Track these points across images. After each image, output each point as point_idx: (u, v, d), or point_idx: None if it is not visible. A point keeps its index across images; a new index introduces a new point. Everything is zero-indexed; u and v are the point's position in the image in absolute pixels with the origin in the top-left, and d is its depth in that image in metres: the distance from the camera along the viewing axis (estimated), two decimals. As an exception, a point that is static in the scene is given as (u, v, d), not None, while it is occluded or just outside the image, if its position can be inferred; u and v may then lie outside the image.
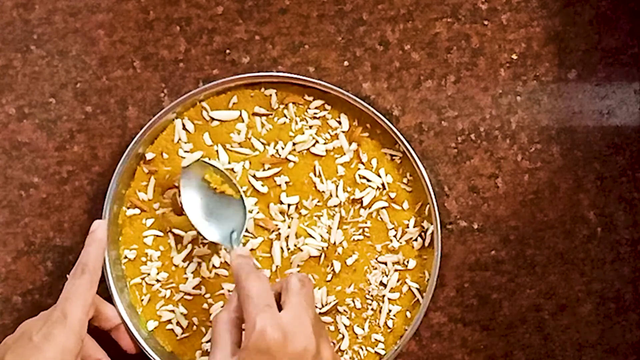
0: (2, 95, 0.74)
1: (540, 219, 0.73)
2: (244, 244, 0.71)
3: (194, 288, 0.72)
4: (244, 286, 0.60)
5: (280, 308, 0.60)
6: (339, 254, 0.72)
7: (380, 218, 0.72)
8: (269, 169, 0.72)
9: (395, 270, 0.72)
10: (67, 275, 0.73)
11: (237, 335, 0.61)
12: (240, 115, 0.72)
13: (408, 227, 0.71)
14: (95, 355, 0.67)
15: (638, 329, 0.73)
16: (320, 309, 0.72)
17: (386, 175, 0.71)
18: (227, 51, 0.74)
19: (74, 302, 0.64)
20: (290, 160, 0.72)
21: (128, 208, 0.73)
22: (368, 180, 0.72)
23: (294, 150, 0.72)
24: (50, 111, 0.74)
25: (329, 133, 0.72)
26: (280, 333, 0.57)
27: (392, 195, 0.71)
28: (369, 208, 0.71)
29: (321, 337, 0.59)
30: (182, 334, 0.73)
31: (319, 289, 0.72)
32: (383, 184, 0.72)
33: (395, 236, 0.72)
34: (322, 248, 0.71)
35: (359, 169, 0.72)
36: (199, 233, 0.71)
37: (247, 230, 0.72)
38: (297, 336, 0.57)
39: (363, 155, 0.72)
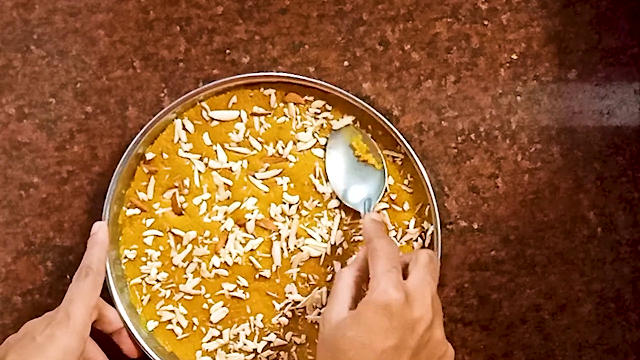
0: (2, 95, 0.74)
1: (540, 219, 0.73)
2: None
3: (193, 288, 0.72)
4: (375, 246, 0.61)
5: (405, 278, 0.60)
6: (339, 254, 0.72)
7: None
8: (268, 168, 0.72)
9: (396, 270, 0.72)
10: (68, 276, 0.74)
11: (358, 292, 0.62)
12: (239, 115, 0.72)
13: (408, 228, 0.71)
14: (97, 358, 0.68)
15: (638, 329, 0.73)
16: (320, 309, 0.72)
17: (388, 176, 0.71)
18: (227, 51, 0.74)
19: (78, 303, 0.64)
20: (290, 160, 0.72)
21: (128, 208, 0.73)
22: (369, 181, 0.72)
23: (295, 149, 0.72)
24: (50, 111, 0.74)
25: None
26: (402, 295, 0.57)
27: (393, 196, 0.71)
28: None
29: (437, 314, 0.59)
30: (182, 334, 0.73)
31: (319, 288, 0.72)
32: (387, 184, 0.72)
33: (395, 237, 0.72)
34: (325, 248, 0.71)
35: (360, 169, 0.72)
36: (334, 194, 0.71)
37: (247, 231, 0.72)
38: (417, 303, 0.58)
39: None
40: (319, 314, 0.72)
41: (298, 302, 0.72)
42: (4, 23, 0.74)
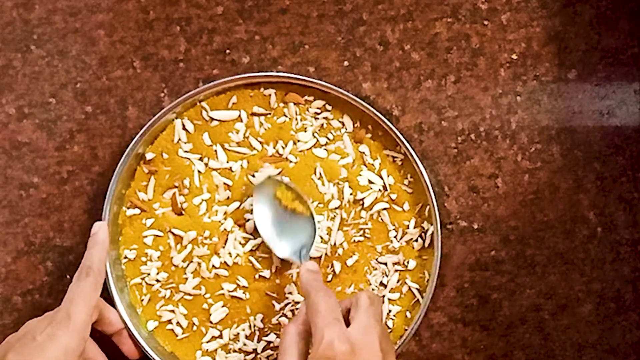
0: (2, 95, 0.74)
1: (540, 219, 0.73)
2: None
3: (193, 288, 0.72)
4: (314, 301, 0.61)
5: (347, 324, 0.60)
6: (339, 255, 0.72)
7: (381, 219, 0.72)
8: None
9: (396, 270, 0.72)
10: (68, 276, 0.74)
11: (304, 347, 0.62)
12: (239, 115, 0.72)
13: (408, 228, 0.71)
14: (97, 358, 0.68)
15: (638, 329, 0.73)
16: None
17: (388, 176, 0.71)
18: (227, 51, 0.74)
19: (79, 303, 0.65)
20: (290, 160, 0.72)
21: (128, 208, 0.73)
22: (370, 182, 0.72)
23: (295, 149, 0.72)
24: (50, 111, 0.74)
25: (331, 133, 0.72)
26: (348, 346, 0.57)
27: (393, 197, 0.71)
28: (370, 210, 0.71)
29: (388, 354, 0.60)
30: (182, 334, 0.73)
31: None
32: (385, 186, 0.72)
33: (395, 237, 0.72)
34: (325, 249, 0.71)
35: (361, 170, 0.72)
36: (268, 248, 0.71)
37: (246, 231, 0.72)
38: (364, 351, 0.58)
39: (367, 157, 0.72)
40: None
41: (298, 302, 0.72)
42: (4, 23, 0.74)
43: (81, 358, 0.64)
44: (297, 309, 0.72)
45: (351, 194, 0.71)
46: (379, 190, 0.72)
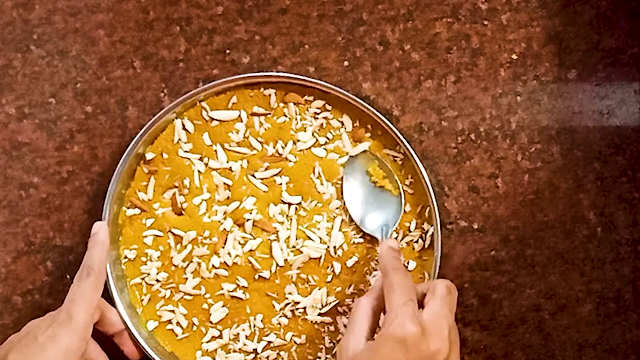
0: (2, 95, 0.74)
1: (540, 219, 0.73)
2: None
3: (193, 288, 0.72)
4: (391, 279, 0.62)
5: (421, 308, 0.61)
6: (338, 256, 0.72)
7: (381, 219, 0.72)
8: (268, 168, 0.72)
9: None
10: (68, 276, 0.74)
11: (374, 322, 0.62)
12: (239, 115, 0.72)
13: (409, 230, 0.71)
14: (98, 359, 0.68)
15: (638, 329, 0.73)
16: (320, 309, 0.72)
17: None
18: (227, 51, 0.74)
19: (80, 304, 0.65)
20: (290, 160, 0.72)
21: (128, 208, 0.73)
22: (370, 182, 0.72)
23: (295, 148, 0.72)
24: (50, 111, 0.74)
25: (331, 133, 0.72)
26: (418, 328, 0.58)
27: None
28: (372, 211, 0.72)
29: (454, 346, 0.60)
30: (182, 334, 0.73)
31: (319, 289, 0.72)
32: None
33: (396, 238, 0.72)
34: (325, 249, 0.71)
35: (361, 169, 0.72)
36: (352, 220, 0.71)
37: (246, 231, 0.72)
38: (433, 336, 0.58)
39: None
40: (319, 314, 0.72)
41: (298, 303, 0.72)
42: (4, 23, 0.74)
43: (82, 358, 0.64)
44: (297, 309, 0.72)
45: (351, 194, 0.72)
46: (379, 190, 0.72)
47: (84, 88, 0.74)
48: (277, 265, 0.71)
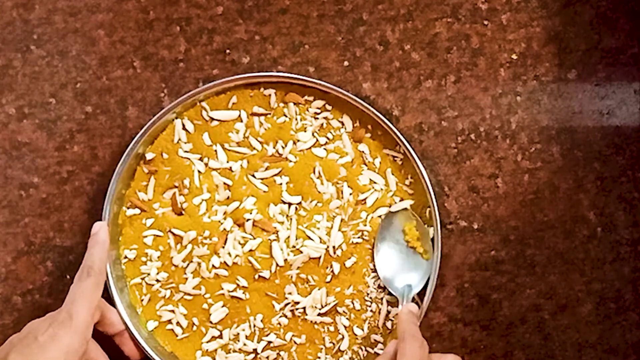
0: (2, 95, 0.74)
1: (540, 219, 0.73)
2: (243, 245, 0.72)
3: (193, 288, 0.72)
4: (406, 345, 0.62)
5: None
6: (337, 256, 0.72)
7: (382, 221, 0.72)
8: (268, 168, 0.72)
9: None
10: (68, 276, 0.74)
11: None
12: (239, 115, 0.72)
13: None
14: (98, 358, 0.68)
15: (638, 329, 0.73)
16: (320, 309, 0.72)
17: (392, 175, 0.72)
18: (227, 51, 0.74)
19: (80, 303, 0.65)
20: (290, 160, 0.72)
21: (128, 208, 0.73)
22: (372, 182, 0.72)
23: (295, 148, 0.72)
24: (50, 111, 0.74)
25: (331, 133, 0.72)
26: None
27: (397, 199, 0.71)
28: (373, 212, 0.71)
29: None
30: (182, 334, 0.73)
31: (319, 289, 0.72)
32: (387, 184, 0.72)
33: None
34: (324, 249, 0.71)
35: (361, 169, 0.72)
36: (376, 271, 0.71)
37: (246, 231, 0.72)
38: None
39: (367, 156, 0.72)
40: (319, 314, 0.72)
41: (298, 303, 0.72)
42: (4, 23, 0.74)
43: (83, 358, 0.64)
44: (297, 309, 0.72)
45: (351, 194, 0.71)
46: (381, 189, 0.72)
47: (84, 88, 0.74)
48: (277, 265, 0.71)
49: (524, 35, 0.73)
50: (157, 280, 0.72)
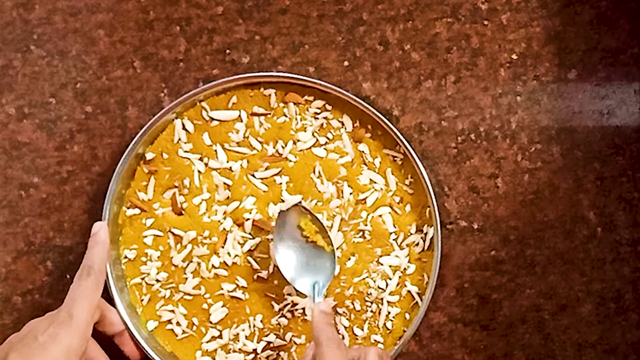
0: (2, 95, 0.74)
1: (540, 219, 0.73)
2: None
3: (193, 288, 0.72)
4: (324, 351, 0.61)
5: None
6: (337, 256, 0.71)
7: (382, 220, 0.72)
8: (268, 168, 0.72)
9: (395, 273, 0.72)
10: (68, 276, 0.74)
11: None
12: (239, 115, 0.72)
13: (410, 233, 0.71)
14: (98, 358, 0.68)
15: (638, 329, 0.73)
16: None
17: (392, 174, 0.72)
18: (227, 51, 0.74)
19: (80, 303, 0.65)
20: (290, 160, 0.72)
21: (128, 208, 0.73)
22: (372, 182, 0.72)
23: (295, 148, 0.72)
24: (50, 111, 0.74)
25: (331, 133, 0.72)
26: None
27: (397, 199, 0.71)
28: (373, 212, 0.71)
29: None
30: (182, 334, 0.73)
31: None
32: (387, 184, 0.72)
33: (395, 240, 0.72)
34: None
35: (361, 169, 0.72)
36: (283, 277, 0.70)
37: (245, 231, 0.72)
38: None
39: (367, 156, 0.72)
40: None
41: (297, 304, 0.72)
42: (4, 23, 0.74)
43: (83, 358, 0.64)
44: (296, 309, 0.72)
45: (351, 194, 0.71)
46: (381, 189, 0.72)
47: (84, 88, 0.74)
48: (275, 265, 0.71)
49: (524, 35, 0.73)
50: (157, 280, 0.72)
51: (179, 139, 0.72)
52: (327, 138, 0.72)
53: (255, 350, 0.72)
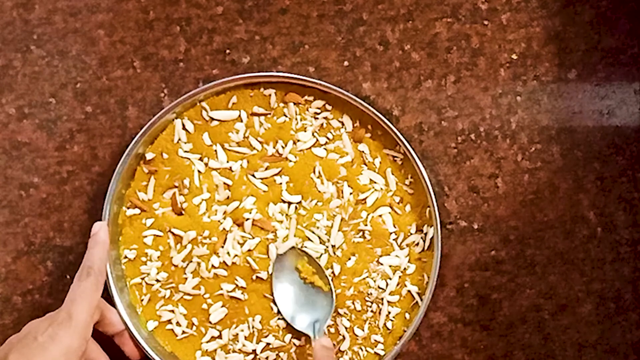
0: (2, 95, 0.74)
1: (540, 219, 0.73)
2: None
3: (193, 288, 0.72)
4: None
5: None
6: (338, 256, 0.72)
7: (382, 220, 0.72)
8: (268, 168, 0.72)
9: (395, 272, 0.72)
10: (68, 276, 0.74)
11: None
12: (239, 115, 0.72)
13: (410, 233, 0.71)
14: (99, 358, 0.68)
15: (638, 329, 0.73)
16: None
17: (392, 175, 0.72)
18: (227, 51, 0.74)
19: (80, 303, 0.65)
20: (290, 160, 0.72)
21: (128, 208, 0.73)
22: (372, 182, 0.72)
23: (295, 148, 0.72)
24: (50, 111, 0.74)
25: (331, 133, 0.72)
26: None
27: (397, 199, 0.71)
28: (373, 212, 0.71)
29: None
30: (182, 334, 0.73)
31: (318, 291, 0.72)
32: (387, 184, 0.72)
33: (395, 240, 0.72)
34: (324, 249, 0.71)
35: (361, 169, 0.72)
36: (283, 318, 0.71)
37: (245, 231, 0.72)
38: None
39: (367, 156, 0.72)
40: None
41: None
42: (4, 23, 0.74)
43: (83, 358, 0.64)
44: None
45: (351, 194, 0.71)
46: (381, 189, 0.72)
47: (84, 88, 0.74)
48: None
49: (524, 35, 0.73)
50: (157, 280, 0.72)
51: (179, 139, 0.72)
52: (327, 138, 0.72)
53: (254, 351, 0.72)
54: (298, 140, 0.72)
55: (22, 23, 0.74)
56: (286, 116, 0.72)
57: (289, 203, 0.72)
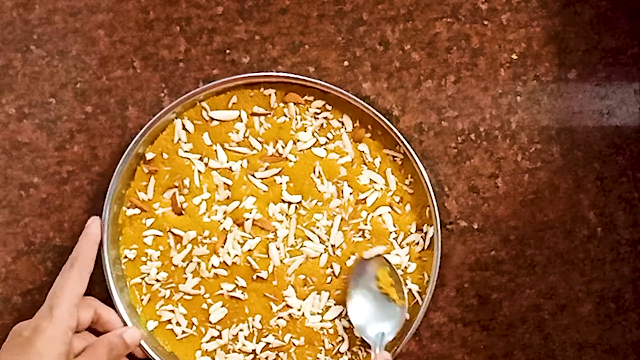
0: (2, 95, 0.74)
1: (540, 219, 0.73)
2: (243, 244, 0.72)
3: (193, 288, 0.72)
4: None
5: None
6: (337, 256, 0.71)
7: (382, 220, 0.72)
8: (268, 168, 0.72)
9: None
10: (66, 275, 0.73)
11: None
12: (239, 115, 0.72)
13: (410, 232, 0.71)
14: (110, 319, 0.69)
15: (638, 329, 0.73)
16: (319, 312, 0.72)
17: (392, 175, 0.71)
18: (227, 51, 0.74)
19: (60, 295, 0.66)
20: (290, 160, 0.72)
21: (128, 208, 0.73)
22: (372, 182, 0.72)
23: (295, 148, 0.72)
24: (50, 111, 0.74)
25: (331, 133, 0.72)
26: None
27: (397, 198, 0.71)
28: (373, 212, 0.71)
29: None
30: (182, 334, 0.73)
31: (318, 292, 0.72)
32: (387, 184, 0.72)
33: (395, 239, 0.72)
34: (324, 249, 0.71)
35: (361, 169, 0.72)
36: (349, 322, 0.71)
37: (244, 231, 0.72)
38: None
39: (367, 156, 0.72)
40: (319, 315, 0.72)
41: (297, 307, 0.72)
42: (4, 23, 0.74)
43: (71, 347, 0.65)
44: (294, 313, 0.72)
45: (351, 194, 0.71)
46: (381, 189, 0.72)
47: (84, 88, 0.74)
48: (275, 265, 0.71)
49: (524, 35, 0.73)
50: (157, 280, 0.72)
51: (179, 139, 0.72)
52: (327, 138, 0.72)
53: (254, 351, 0.72)
54: (298, 140, 0.72)
55: (22, 23, 0.74)
56: (286, 116, 0.72)
57: (289, 203, 0.72)
